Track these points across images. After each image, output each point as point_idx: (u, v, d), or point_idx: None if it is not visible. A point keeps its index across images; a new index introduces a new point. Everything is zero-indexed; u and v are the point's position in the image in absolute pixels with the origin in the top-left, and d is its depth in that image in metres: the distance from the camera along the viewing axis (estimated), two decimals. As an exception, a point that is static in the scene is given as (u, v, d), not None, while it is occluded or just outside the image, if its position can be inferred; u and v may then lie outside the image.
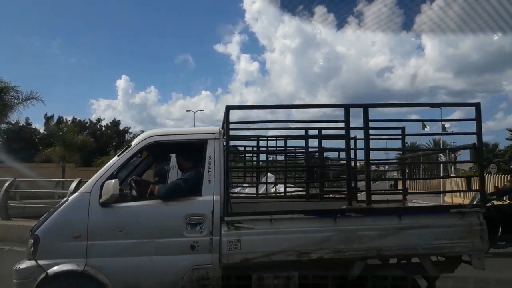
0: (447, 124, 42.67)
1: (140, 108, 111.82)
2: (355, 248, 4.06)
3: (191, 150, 4.31)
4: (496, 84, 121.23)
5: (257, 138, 5.88)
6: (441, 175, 40.05)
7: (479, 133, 4.36)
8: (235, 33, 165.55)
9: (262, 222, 4.03)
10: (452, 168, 54.86)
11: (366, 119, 4.27)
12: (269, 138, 6.20)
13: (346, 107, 4.28)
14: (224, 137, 4.25)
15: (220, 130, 4.24)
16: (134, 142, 4.20)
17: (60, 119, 51.24)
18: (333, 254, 4.03)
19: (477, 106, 4.37)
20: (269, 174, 6.40)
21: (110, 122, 57.61)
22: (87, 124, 53.29)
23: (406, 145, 6.48)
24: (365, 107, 4.27)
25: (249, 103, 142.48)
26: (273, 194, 6.55)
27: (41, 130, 49.99)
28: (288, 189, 6.66)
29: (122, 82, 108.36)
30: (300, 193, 6.48)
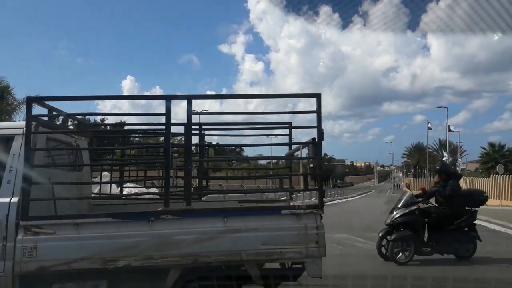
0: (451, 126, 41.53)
1: (145, 108, 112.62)
2: (169, 255, 3.67)
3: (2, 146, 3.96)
4: (504, 84, 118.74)
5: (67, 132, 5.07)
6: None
7: (318, 127, 3.91)
8: (239, 33, 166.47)
9: (66, 227, 3.66)
10: (458, 168, 53.64)
11: (190, 111, 3.87)
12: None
13: (168, 99, 3.87)
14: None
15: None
16: None
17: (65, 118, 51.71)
18: (143, 261, 3.65)
19: (318, 96, 3.93)
20: (105, 173, 5.92)
21: (115, 123, 58.07)
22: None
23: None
24: (189, 99, 3.86)
25: (254, 104, 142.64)
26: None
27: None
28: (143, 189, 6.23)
29: (127, 83, 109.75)
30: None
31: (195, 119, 3.98)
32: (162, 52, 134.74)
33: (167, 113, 3.85)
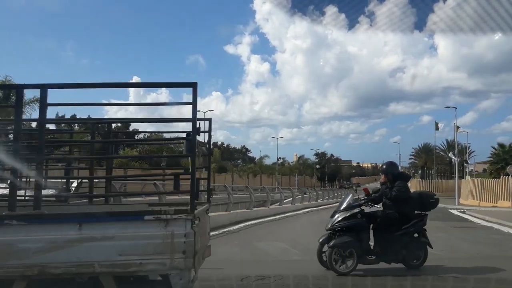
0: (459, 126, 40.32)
1: (151, 109, 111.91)
2: (11, 265, 3.23)
3: None
4: None
5: None
6: (456, 176, 38.26)
7: (193, 120, 3.44)
8: (245, 34, 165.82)
9: None
10: (467, 169, 52.27)
11: (44, 103, 3.42)
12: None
13: (19, 89, 3.44)
14: None
15: None
16: None
17: (72, 117, 51.30)
18: None
19: (194, 86, 3.46)
20: None
21: (120, 124, 58.09)
22: (99, 125, 53.85)
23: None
24: (43, 88, 3.41)
25: (260, 104, 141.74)
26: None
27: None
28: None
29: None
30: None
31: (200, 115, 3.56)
32: (168, 53, 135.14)
33: (18, 104, 3.41)
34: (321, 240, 6.38)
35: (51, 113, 3.67)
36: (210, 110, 57.60)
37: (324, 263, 6.26)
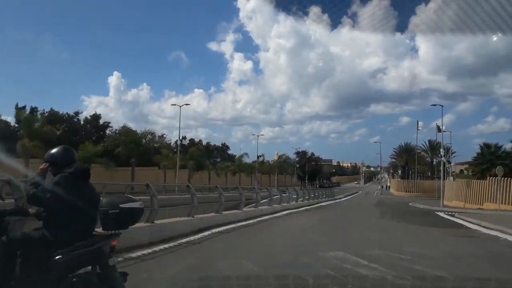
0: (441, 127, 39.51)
1: (132, 105, 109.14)
2: None
3: None
4: (489, 87, 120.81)
5: None
6: (442, 177, 36.98)
7: None
8: (229, 31, 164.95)
9: None
10: (449, 169, 51.39)
11: None
12: None
13: None
14: None
15: None
16: None
17: (33, 109, 46.94)
18: None
19: None
20: None
21: (90, 116, 54.35)
22: (64, 117, 50.10)
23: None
24: None
25: (242, 103, 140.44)
26: None
27: (12, 123, 46.96)
28: None
29: (114, 79, 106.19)
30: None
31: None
32: (150, 49, 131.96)
33: None
34: None
35: None
36: (186, 104, 52.90)
37: None
